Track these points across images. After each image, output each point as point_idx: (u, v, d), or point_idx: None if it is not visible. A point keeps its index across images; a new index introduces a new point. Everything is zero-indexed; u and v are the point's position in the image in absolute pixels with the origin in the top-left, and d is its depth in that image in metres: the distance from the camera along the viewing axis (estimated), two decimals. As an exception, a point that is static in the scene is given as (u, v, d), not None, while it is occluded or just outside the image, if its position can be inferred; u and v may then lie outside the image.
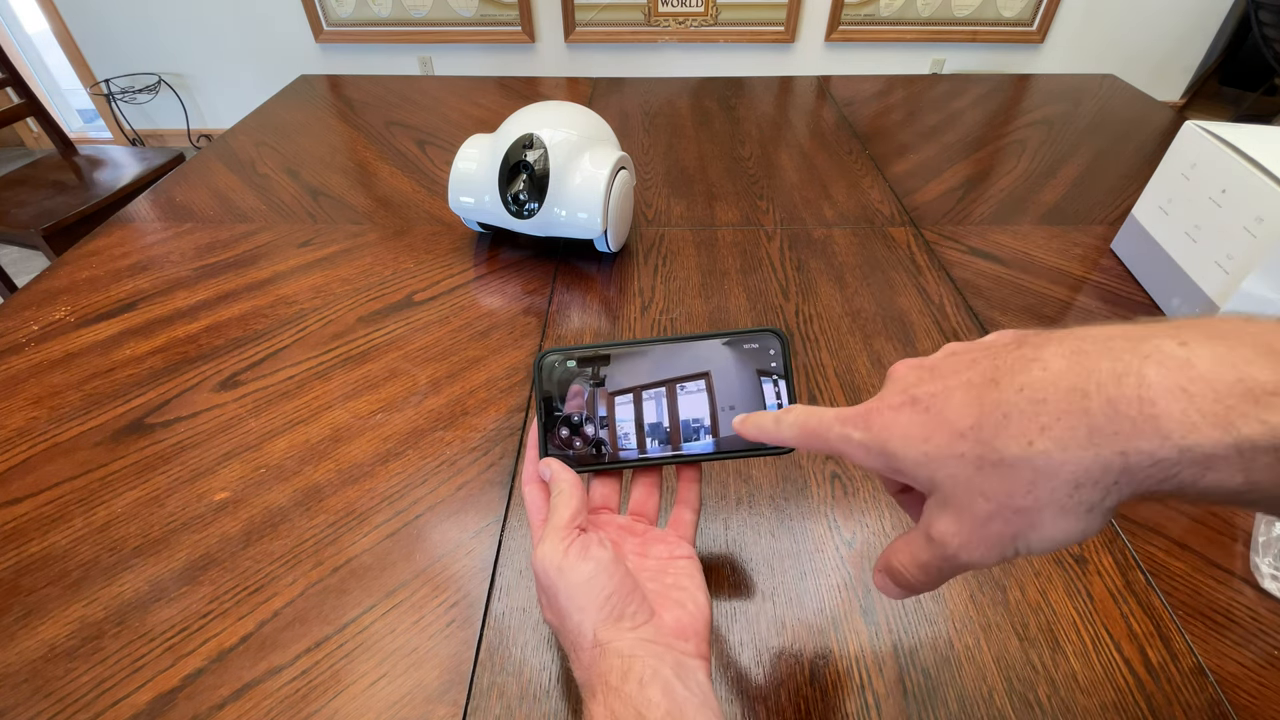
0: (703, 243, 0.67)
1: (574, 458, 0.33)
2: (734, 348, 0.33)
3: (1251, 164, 0.48)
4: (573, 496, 0.29)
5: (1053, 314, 0.57)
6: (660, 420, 0.33)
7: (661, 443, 0.33)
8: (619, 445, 0.33)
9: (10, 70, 1.42)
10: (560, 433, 0.33)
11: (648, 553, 0.31)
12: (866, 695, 0.32)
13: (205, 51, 2.40)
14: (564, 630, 0.27)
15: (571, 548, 0.27)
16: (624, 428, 0.33)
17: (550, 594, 0.27)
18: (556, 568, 0.27)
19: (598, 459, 0.33)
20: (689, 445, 0.33)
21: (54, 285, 0.61)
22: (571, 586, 0.26)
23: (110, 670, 0.33)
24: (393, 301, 0.59)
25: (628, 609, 0.26)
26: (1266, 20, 2.08)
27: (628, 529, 0.32)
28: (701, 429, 0.33)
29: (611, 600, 0.26)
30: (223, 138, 0.90)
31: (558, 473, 0.31)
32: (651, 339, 0.35)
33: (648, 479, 0.34)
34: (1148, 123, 0.94)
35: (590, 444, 0.33)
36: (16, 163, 1.57)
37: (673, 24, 2.31)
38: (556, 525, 0.28)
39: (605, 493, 0.34)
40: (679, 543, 0.32)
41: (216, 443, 0.45)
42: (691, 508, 0.33)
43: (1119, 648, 0.34)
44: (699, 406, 0.33)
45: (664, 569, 0.30)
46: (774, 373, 0.33)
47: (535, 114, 0.61)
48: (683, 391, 0.33)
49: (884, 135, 0.91)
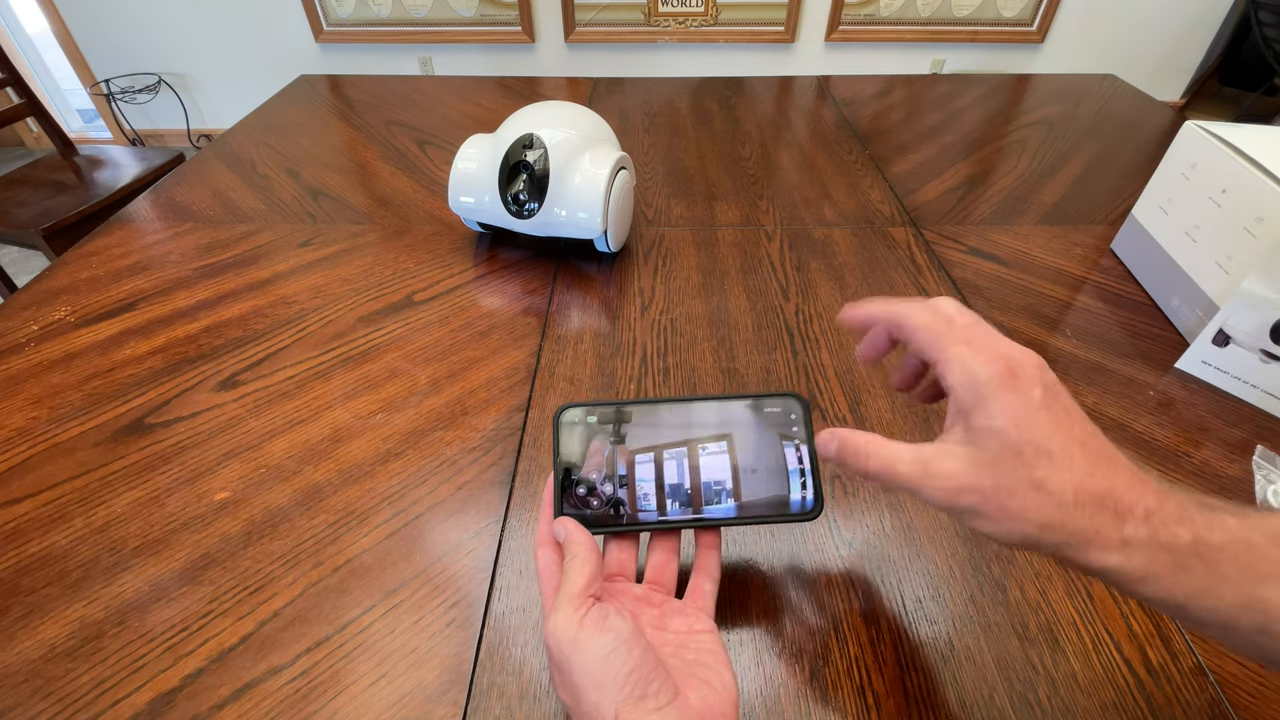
0: (703, 243, 0.67)
1: (591, 518, 0.31)
2: (755, 410, 0.33)
3: (1251, 164, 0.48)
4: (588, 561, 0.27)
5: (1053, 314, 0.57)
6: (681, 481, 0.32)
7: (682, 505, 0.31)
8: (638, 506, 0.31)
9: (10, 70, 1.42)
10: (577, 491, 0.32)
11: (666, 625, 0.29)
12: (866, 695, 0.32)
13: (205, 51, 2.40)
14: (579, 710, 0.25)
15: (587, 618, 0.25)
16: (644, 488, 0.32)
17: (564, 669, 0.25)
18: (571, 640, 0.25)
19: (615, 520, 0.31)
20: (710, 509, 0.31)
21: (54, 285, 0.61)
22: (588, 661, 0.24)
23: (110, 670, 0.33)
24: (393, 301, 0.59)
25: (650, 687, 0.24)
26: (1266, 20, 2.08)
27: (645, 600, 0.30)
28: (723, 492, 0.31)
29: (633, 678, 0.24)
30: (223, 138, 0.90)
31: (573, 534, 0.29)
32: (672, 398, 0.34)
33: (666, 545, 0.33)
34: (1148, 123, 0.94)
35: (608, 504, 0.31)
36: (16, 163, 1.57)
37: (673, 24, 2.31)
38: (570, 593, 0.26)
39: (622, 559, 0.32)
40: (699, 615, 0.30)
41: (216, 443, 0.45)
42: (711, 577, 0.32)
43: (1119, 648, 0.34)
44: (720, 469, 0.32)
45: (684, 644, 0.28)
46: (795, 438, 0.32)
47: (535, 114, 0.61)
48: (704, 453, 0.32)
49: (884, 135, 0.91)
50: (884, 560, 0.38)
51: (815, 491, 0.32)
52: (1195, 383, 0.51)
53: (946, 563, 0.38)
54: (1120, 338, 0.55)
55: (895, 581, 0.37)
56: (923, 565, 0.38)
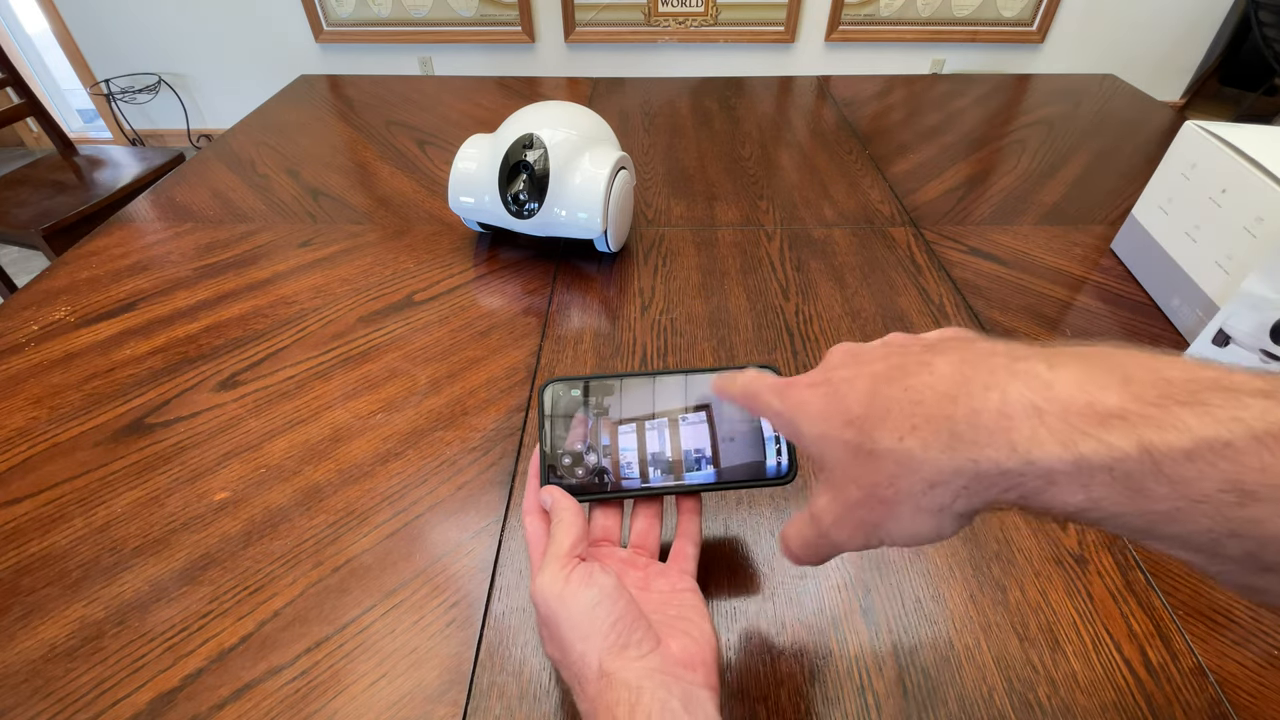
0: (703, 243, 0.67)
1: (576, 486, 0.33)
2: None
3: (1251, 164, 0.48)
4: (574, 525, 0.29)
5: (1053, 314, 0.57)
6: (663, 450, 0.33)
7: (664, 472, 0.33)
8: (621, 474, 0.33)
9: (10, 70, 1.42)
10: (562, 461, 0.33)
11: (650, 586, 0.30)
12: (866, 695, 0.32)
13: (205, 51, 2.40)
14: (567, 662, 0.26)
15: (573, 575, 0.27)
16: (627, 456, 0.33)
17: (552, 624, 0.27)
18: (557, 596, 0.26)
19: (600, 488, 0.33)
20: (691, 475, 0.33)
21: (54, 285, 0.61)
22: (574, 615, 0.26)
23: (110, 670, 0.33)
24: (393, 301, 0.59)
25: (633, 636, 0.26)
26: (1266, 20, 2.08)
27: (629, 562, 0.32)
28: (703, 459, 0.33)
29: (617, 627, 0.25)
30: (223, 138, 0.90)
31: (558, 499, 0.30)
32: (653, 371, 0.35)
33: (649, 511, 0.34)
34: (1148, 123, 0.94)
35: (593, 473, 0.33)
36: (16, 163, 1.57)
37: (673, 24, 2.31)
38: (556, 553, 0.28)
39: (606, 524, 0.33)
40: (681, 576, 0.31)
41: (216, 443, 0.45)
42: (693, 541, 0.33)
43: (1119, 648, 0.34)
44: (700, 437, 0.33)
45: (667, 601, 0.30)
46: None
47: (535, 114, 0.61)
48: (684, 423, 0.33)
49: (884, 135, 0.91)
50: (884, 560, 0.38)
51: (790, 458, 0.33)
52: (1195, 383, 0.50)
53: (946, 563, 0.38)
54: (1120, 338, 0.55)
55: (895, 581, 0.37)
56: (923, 565, 0.38)
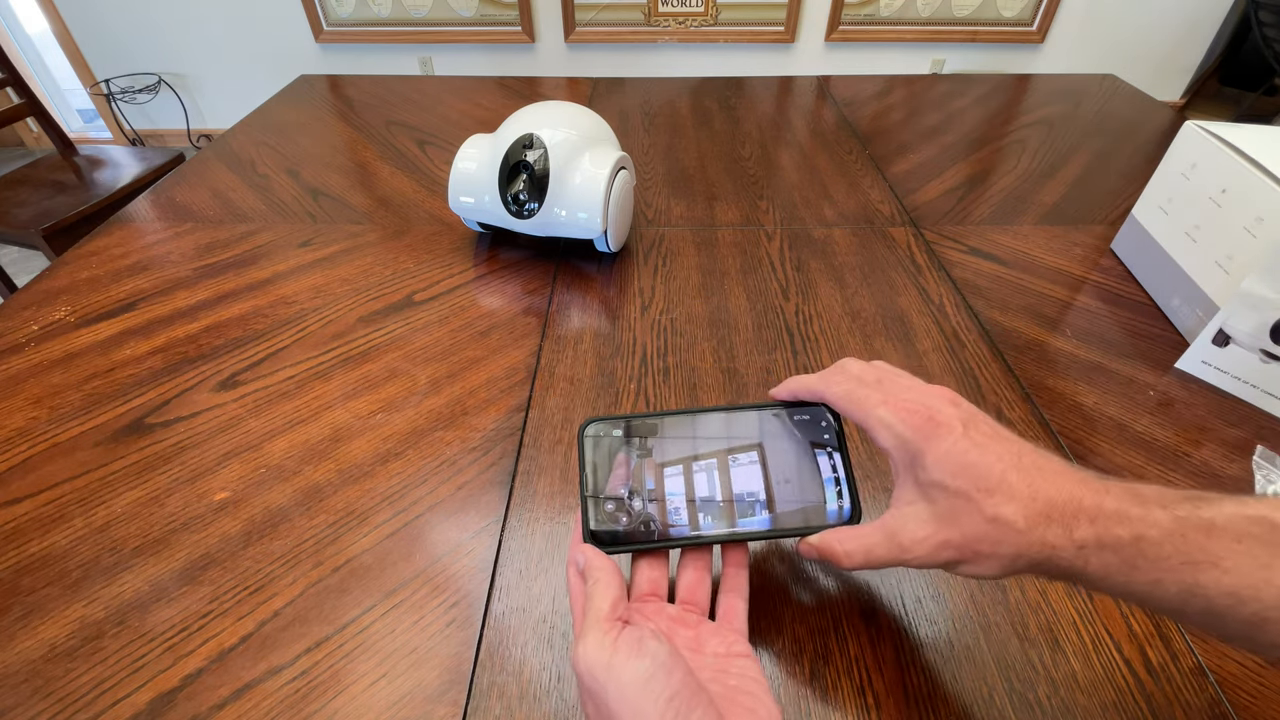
0: (703, 243, 0.67)
1: (621, 534, 0.30)
2: (784, 420, 0.32)
3: (1251, 164, 0.48)
4: (611, 584, 0.26)
5: (1053, 314, 0.57)
6: (713, 494, 0.30)
7: (715, 518, 0.30)
8: (669, 520, 0.30)
9: (10, 70, 1.42)
10: (605, 507, 0.30)
11: (703, 648, 0.28)
12: (866, 695, 0.32)
13: (205, 51, 2.40)
14: None
15: (621, 641, 0.24)
16: (674, 501, 0.30)
17: (598, 698, 0.23)
18: (605, 666, 0.23)
19: (647, 535, 0.30)
20: (744, 521, 0.30)
21: (54, 285, 0.61)
22: (625, 688, 0.23)
23: (110, 670, 0.33)
24: (393, 301, 0.59)
25: (694, 715, 0.22)
26: (1266, 20, 2.08)
27: (679, 620, 0.29)
28: (757, 503, 0.30)
29: (674, 703, 0.22)
30: (223, 138, 0.90)
31: (592, 559, 0.28)
32: (697, 409, 0.33)
33: (698, 563, 0.31)
34: (1148, 123, 0.94)
35: (638, 520, 0.30)
36: (16, 163, 1.57)
37: (673, 24, 2.31)
38: (598, 616, 0.25)
39: (653, 576, 0.30)
40: (736, 637, 0.28)
41: (216, 443, 0.45)
42: (742, 595, 0.30)
43: (1119, 648, 0.34)
44: (752, 479, 0.31)
45: (724, 668, 0.27)
46: (828, 445, 0.32)
47: (535, 114, 0.61)
48: (734, 464, 0.31)
49: (884, 135, 0.91)
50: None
51: (852, 499, 0.31)
52: (1195, 383, 0.51)
53: (946, 563, 0.38)
54: (1120, 338, 0.55)
55: (895, 581, 0.37)
56: (923, 565, 0.38)
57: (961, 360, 0.52)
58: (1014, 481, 0.26)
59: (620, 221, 0.62)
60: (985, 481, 0.26)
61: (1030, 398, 0.49)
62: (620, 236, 0.63)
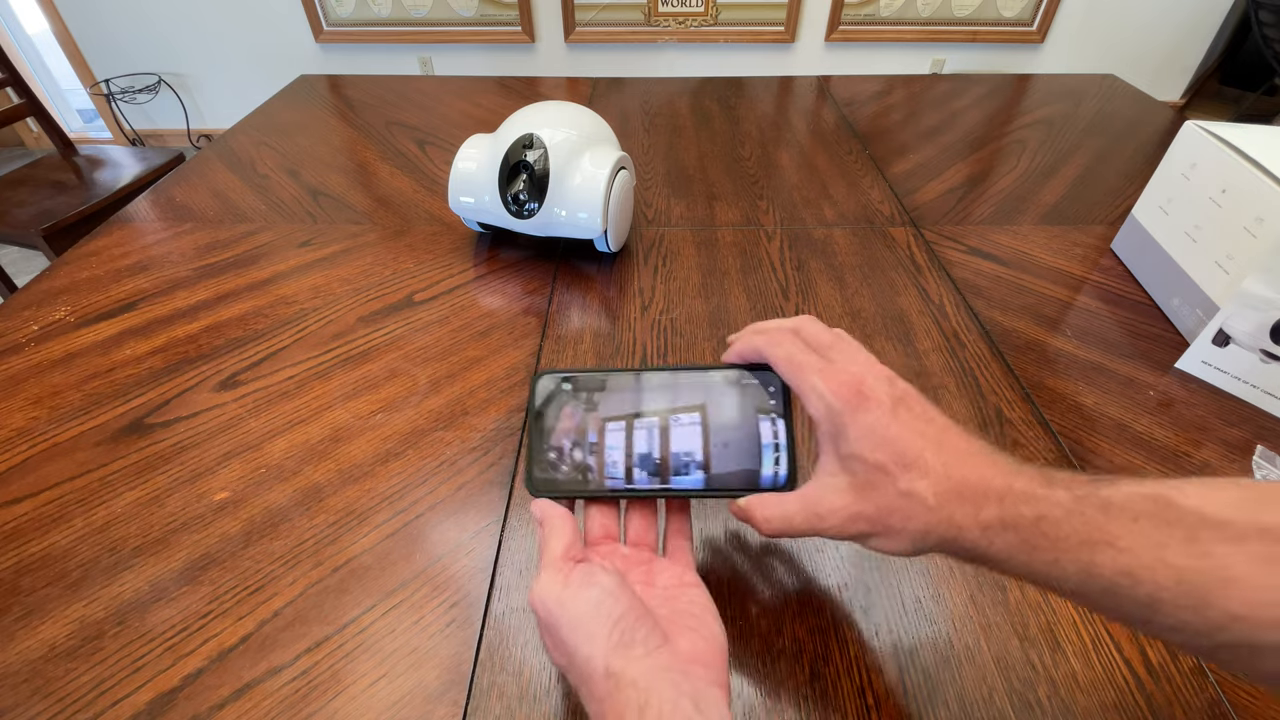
0: (703, 243, 0.67)
1: (560, 482, 0.31)
2: (732, 383, 0.32)
3: (1251, 164, 0.48)
4: (563, 530, 0.28)
5: (1053, 314, 0.57)
6: (650, 451, 0.31)
7: (650, 474, 0.31)
8: (606, 473, 0.31)
9: (10, 70, 1.42)
10: (547, 455, 0.32)
11: (654, 581, 0.30)
12: (866, 696, 0.32)
13: (205, 51, 2.40)
14: (572, 666, 0.25)
15: (573, 576, 0.26)
16: (612, 455, 0.31)
17: (554, 629, 0.26)
18: (557, 600, 0.26)
19: (583, 486, 0.31)
20: (678, 479, 0.31)
21: (54, 285, 0.61)
22: (576, 616, 0.25)
23: (110, 670, 0.33)
24: (393, 301, 0.59)
25: (638, 633, 0.25)
26: (1266, 20, 2.08)
27: (632, 559, 0.31)
28: (692, 464, 0.31)
29: (621, 624, 0.25)
30: (223, 138, 0.90)
31: (546, 509, 0.30)
32: (650, 367, 0.34)
33: (644, 509, 0.33)
34: (1148, 123, 0.94)
35: (576, 469, 0.31)
36: (16, 163, 1.57)
37: (673, 24, 2.31)
38: (550, 559, 0.27)
39: (605, 522, 0.32)
40: (685, 570, 0.31)
41: (216, 443, 0.45)
42: (686, 536, 0.32)
43: (1119, 648, 0.34)
44: (691, 440, 0.31)
45: (673, 596, 0.29)
46: (772, 412, 0.31)
47: (535, 114, 0.61)
48: (676, 423, 0.32)
49: (884, 135, 0.91)
50: (884, 560, 0.38)
51: (790, 467, 0.31)
52: (1195, 383, 0.51)
53: (946, 563, 0.38)
54: (1120, 338, 0.55)
55: (895, 581, 0.37)
56: (922, 565, 0.38)
57: (961, 360, 0.52)
58: (930, 460, 0.26)
59: (620, 221, 0.62)
60: (903, 458, 0.26)
61: (1030, 398, 0.49)
62: (620, 236, 0.63)
